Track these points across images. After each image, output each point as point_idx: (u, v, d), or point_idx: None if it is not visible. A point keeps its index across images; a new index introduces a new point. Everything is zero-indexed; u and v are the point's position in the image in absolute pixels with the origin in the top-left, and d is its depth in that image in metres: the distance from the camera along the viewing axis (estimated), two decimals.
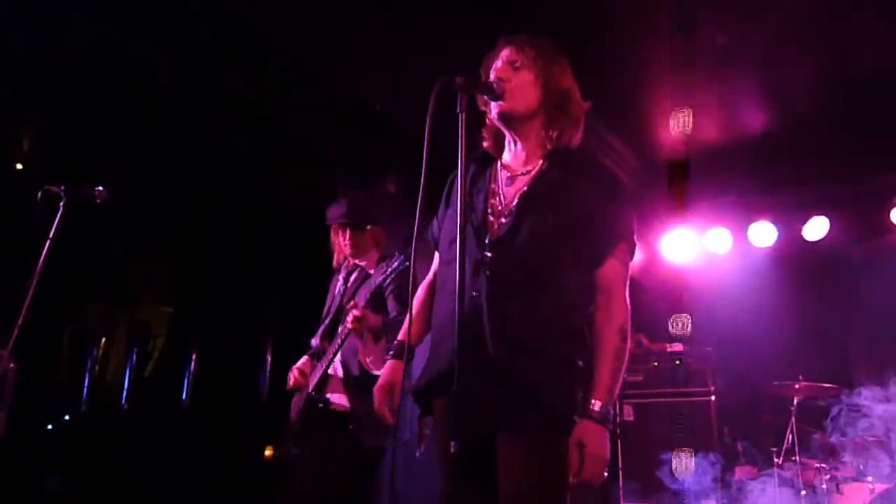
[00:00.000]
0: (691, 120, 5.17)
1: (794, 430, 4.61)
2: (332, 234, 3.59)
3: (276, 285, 6.31)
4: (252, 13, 4.05)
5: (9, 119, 4.80)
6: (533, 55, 2.06)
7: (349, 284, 3.52)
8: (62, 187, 2.82)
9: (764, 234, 6.29)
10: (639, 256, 6.87)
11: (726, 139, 5.70)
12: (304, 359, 3.50)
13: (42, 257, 2.69)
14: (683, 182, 5.73)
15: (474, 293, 1.92)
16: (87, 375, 6.10)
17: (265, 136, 5.01)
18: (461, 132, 1.79)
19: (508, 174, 2.09)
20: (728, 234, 6.48)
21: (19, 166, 5.31)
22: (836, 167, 5.74)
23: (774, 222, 6.26)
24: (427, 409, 2.08)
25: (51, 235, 2.74)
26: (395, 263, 3.24)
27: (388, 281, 3.22)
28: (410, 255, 1.90)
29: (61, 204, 2.80)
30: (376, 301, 3.29)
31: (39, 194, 2.81)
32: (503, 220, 2.00)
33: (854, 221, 5.94)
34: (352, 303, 3.17)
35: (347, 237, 3.49)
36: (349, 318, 3.12)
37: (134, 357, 6.45)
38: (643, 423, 5.20)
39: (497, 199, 2.06)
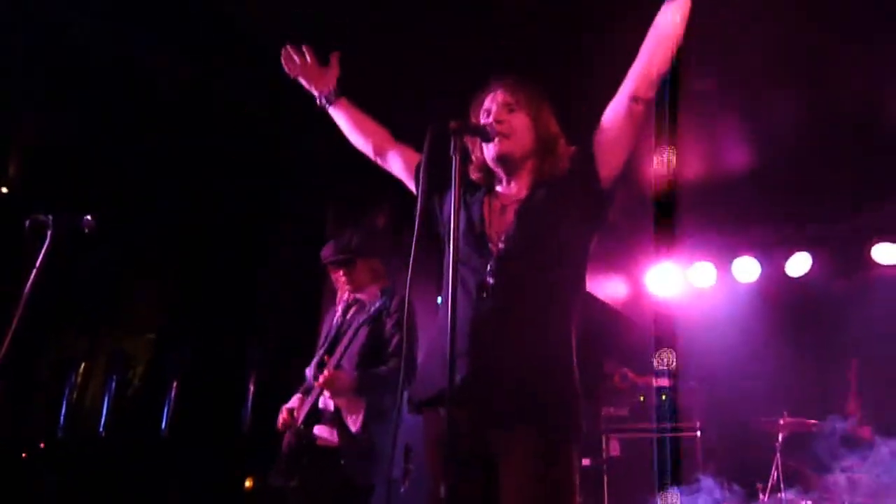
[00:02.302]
0: (675, 157, 5.24)
1: (780, 466, 4.62)
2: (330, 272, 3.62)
3: (263, 317, 6.28)
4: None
5: None
6: (526, 97, 2.14)
7: (348, 317, 3.50)
8: (50, 216, 2.79)
9: (748, 269, 6.36)
10: (625, 289, 6.95)
11: (710, 175, 5.78)
12: (295, 397, 3.45)
13: (28, 286, 2.65)
14: (668, 217, 5.79)
15: (479, 313, 1.95)
16: (64, 402, 6.01)
17: (253, 171, 5.03)
18: (454, 174, 1.82)
19: (502, 203, 2.14)
20: (712, 268, 6.54)
21: (4, 190, 5.28)
22: (818, 204, 5.83)
23: (758, 258, 6.34)
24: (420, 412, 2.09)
25: (37, 265, 2.71)
26: (397, 299, 3.27)
27: (392, 320, 3.29)
28: (406, 285, 1.89)
29: (48, 233, 2.77)
30: (374, 343, 3.31)
31: (27, 223, 2.78)
32: (501, 245, 2.03)
33: (836, 258, 6.01)
34: (329, 361, 3.18)
35: (341, 275, 3.50)
36: (319, 380, 3.13)
37: (113, 384, 6.36)
38: (629, 458, 5.19)
39: (493, 227, 2.10)
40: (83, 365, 6.16)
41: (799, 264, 6.13)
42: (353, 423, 3.15)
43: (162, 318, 6.49)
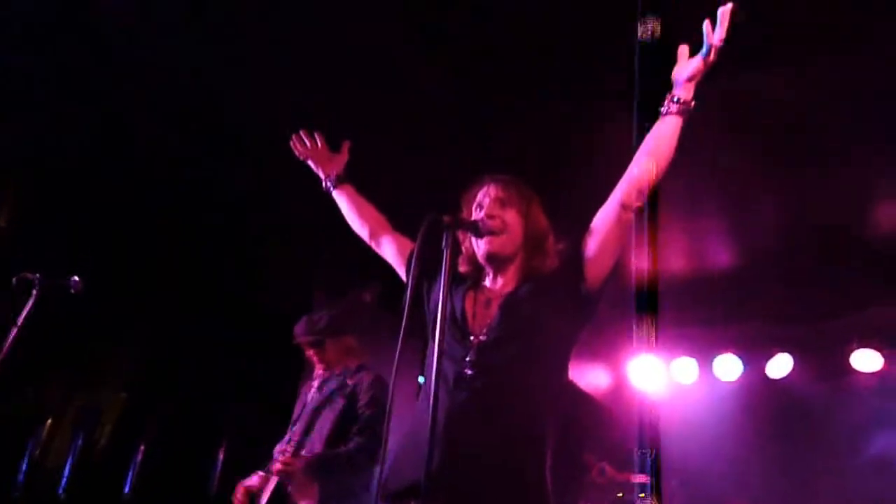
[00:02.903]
0: (659, 251, 5.33)
1: None
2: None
3: (237, 385, 6.20)
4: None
5: None
6: (517, 194, 2.22)
7: (322, 393, 3.49)
8: (37, 275, 2.80)
9: (729, 367, 6.36)
10: (607, 380, 6.92)
11: (694, 271, 5.88)
12: (256, 475, 3.39)
13: (9, 342, 2.63)
14: (651, 310, 5.83)
15: (456, 406, 1.96)
16: (26, 459, 5.83)
17: (240, 239, 5.07)
18: (444, 268, 1.87)
19: (487, 297, 2.17)
20: (695, 364, 6.55)
21: None
22: (799, 306, 5.90)
23: (740, 356, 6.36)
24: None
25: (19, 322, 2.70)
26: (370, 378, 3.26)
27: (363, 398, 3.29)
28: (393, 371, 1.90)
29: (34, 291, 2.77)
30: (346, 420, 3.30)
31: (14, 280, 2.79)
32: (482, 337, 2.06)
33: (816, 362, 6.05)
34: (284, 455, 3.19)
35: (312, 353, 3.54)
36: (275, 467, 3.15)
37: (80, 442, 6.20)
38: None
39: (476, 319, 2.12)
40: (49, 421, 6.01)
41: (780, 366, 6.15)
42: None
43: (136, 377, 6.39)
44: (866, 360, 5.79)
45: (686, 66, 2.05)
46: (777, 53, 3.61)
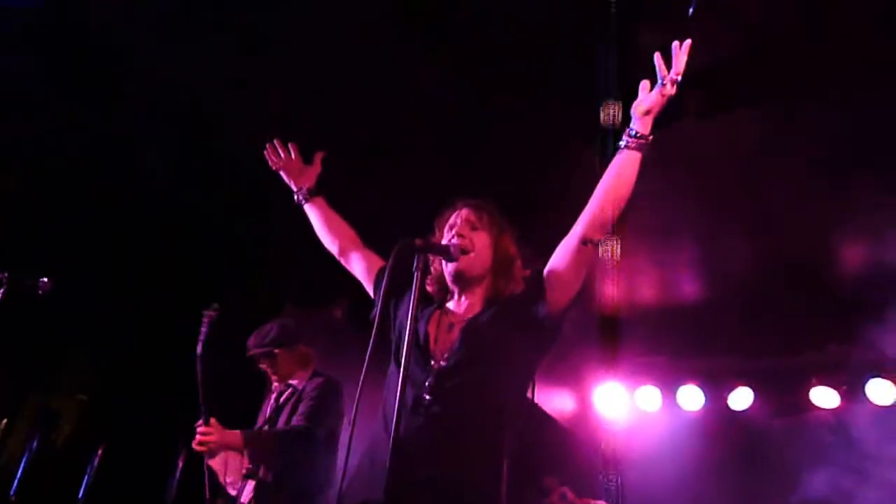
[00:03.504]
0: (623, 281, 5.42)
1: None
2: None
3: (205, 393, 6.13)
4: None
5: None
6: (488, 219, 2.29)
7: (280, 402, 3.48)
8: (5, 273, 2.78)
9: (692, 397, 6.44)
10: (571, 404, 6.94)
11: (660, 301, 5.98)
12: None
13: None
14: (616, 338, 5.90)
15: (413, 430, 1.99)
16: None
17: (208, 248, 5.05)
18: (414, 291, 1.91)
19: (450, 321, 2.22)
20: (658, 393, 6.62)
21: None
22: (762, 340, 6.02)
23: (702, 387, 6.44)
24: None
25: None
26: (319, 381, 3.31)
27: (306, 399, 3.33)
28: (358, 388, 1.93)
29: (2, 290, 2.75)
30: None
31: None
32: (443, 362, 2.10)
33: (776, 396, 6.15)
34: (198, 423, 3.18)
35: (266, 366, 3.58)
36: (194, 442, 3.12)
37: (35, 444, 6.08)
38: None
39: (438, 344, 2.17)
40: (4, 421, 5.91)
41: (741, 399, 6.24)
42: (232, 485, 3.09)
43: (95, 379, 6.30)
44: (824, 397, 5.90)
45: (644, 101, 2.08)
46: (742, 92, 3.72)
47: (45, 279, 2.84)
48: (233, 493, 3.07)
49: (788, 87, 3.64)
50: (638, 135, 2.08)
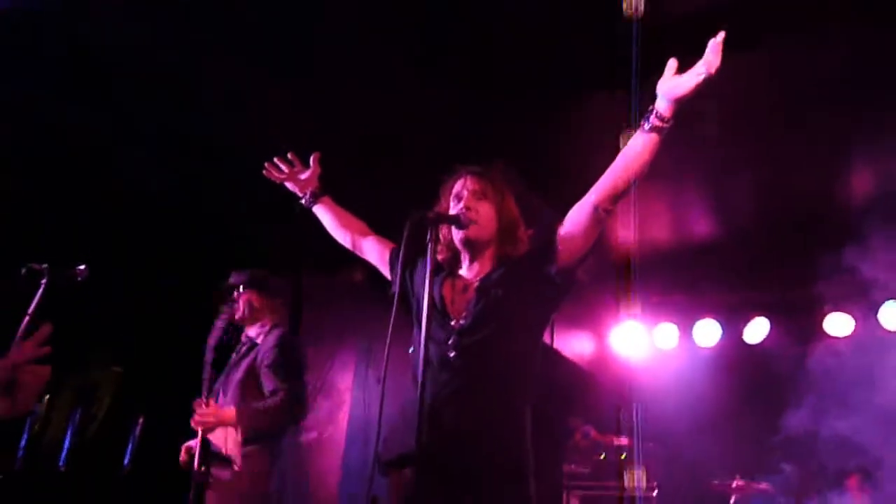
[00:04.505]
0: (637, 222, 5.50)
1: None
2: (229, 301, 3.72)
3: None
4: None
5: None
6: (492, 186, 2.36)
7: (239, 353, 3.65)
8: (45, 265, 2.92)
9: (708, 332, 6.58)
10: (590, 347, 7.11)
11: (674, 241, 6.05)
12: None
13: (21, 331, 2.76)
14: (631, 278, 6.01)
15: (441, 386, 2.14)
16: (25, 434, 5.95)
17: (230, 215, 5.16)
18: (429, 260, 2.03)
19: (464, 284, 2.34)
20: (675, 330, 6.76)
21: None
22: (775, 273, 6.10)
23: (718, 322, 6.58)
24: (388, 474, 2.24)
25: (30, 311, 2.82)
26: (276, 334, 3.44)
27: (264, 354, 3.41)
28: (384, 360, 2.08)
29: (43, 281, 2.89)
30: (251, 377, 3.45)
31: (23, 270, 2.91)
32: (462, 321, 2.23)
33: (791, 327, 6.26)
34: (198, 402, 3.32)
35: (244, 299, 3.65)
36: (193, 420, 3.27)
37: (77, 417, 6.31)
38: None
39: (454, 305, 2.30)
40: (47, 397, 6.11)
41: (756, 331, 6.37)
42: (236, 459, 3.24)
43: (131, 350, 6.48)
44: (839, 324, 6.02)
45: (675, 86, 2.00)
46: (762, 37, 3.74)
47: (83, 266, 2.97)
48: (236, 468, 3.23)
49: (790, 24, 3.65)
50: (662, 118, 2.04)
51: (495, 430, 2.12)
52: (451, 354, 2.17)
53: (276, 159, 2.75)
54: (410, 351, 2.33)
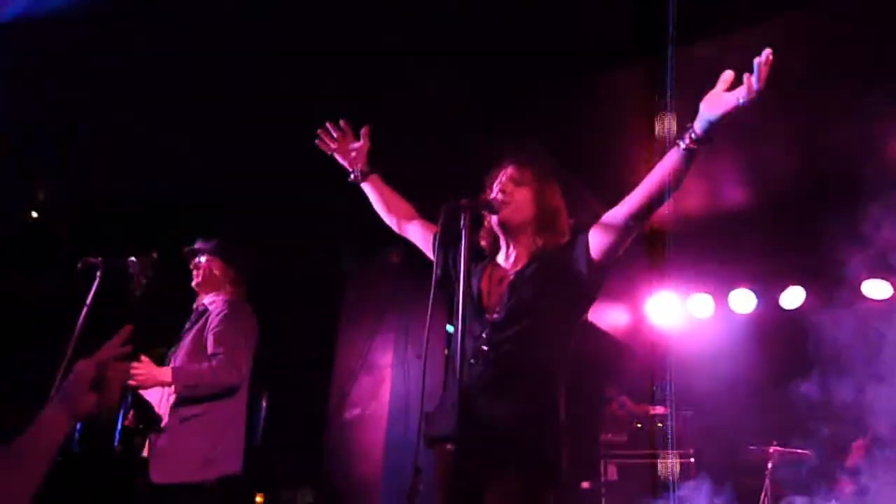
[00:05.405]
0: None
1: (769, 493, 4.85)
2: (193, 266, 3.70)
3: (275, 333, 6.46)
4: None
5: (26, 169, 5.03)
6: (531, 175, 2.42)
7: (192, 319, 3.63)
8: (100, 258, 3.07)
9: (743, 300, 6.58)
10: (625, 318, 7.15)
11: (708, 210, 6.03)
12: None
13: (80, 322, 2.92)
14: (667, 249, 6.02)
15: (475, 377, 2.24)
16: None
17: (270, 201, 5.28)
18: (463, 247, 2.12)
19: (500, 276, 2.41)
20: (710, 299, 6.77)
21: (35, 215, 5.50)
22: (810, 239, 6.06)
23: (754, 290, 6.56)
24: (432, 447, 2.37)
25: (88, 303, 2.98)
26: (227, 300, 3.44)
27: (212, 320, 3.40)
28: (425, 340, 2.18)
29: (98, 274, 3.05)
30: (198, 342, 3.44)
31: (79, 265, 3.07)
32: (496, 315, 2.32)
33: (828, 292, 6.22)
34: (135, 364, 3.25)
35: (205, 266, 3.64)
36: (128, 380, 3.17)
37: (130, 398, 6.55)
38: (626, 483, 5.40)
39: (490, 298, 2.38)
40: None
41: (792, 297, 6.35)
42: (167, 416, 3.25)
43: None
44: (877, 289, 5.97)
45: (714, 104, 1.96)
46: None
47: (133, 259, 3.13)
48: (162, 425, 3.24)
49: None
50: (697, 138, 2.01)
51: (527, 420, 2.22)
52: (485, 348, 2.26)
53: (328, 124, 2.74)
54: (450, 329, 2.44)
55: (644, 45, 3.82)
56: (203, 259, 3.67)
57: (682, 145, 2.04)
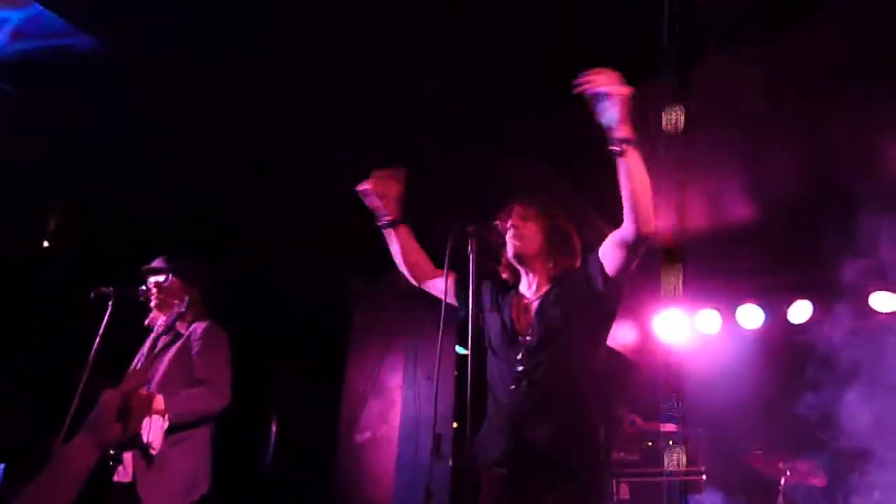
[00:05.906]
0: (675, 211, 5.53)
1: None
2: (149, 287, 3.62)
3: (286, 360, 6.47)
4: None
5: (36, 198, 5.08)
6: (535, 212, 2.55)
7: (157, 347, 3.53)
8: (111, 288, 3.12)
9: (751, 316, 6.57)
10: (633, 335, 7.15)
11: (713, 226, 6.06)
12: None
13: (93, 352, 2.96)
14: (675, 265, 6.04)
15: (517, 401, 2.38)
16: None
17: (282, 220, 5.31)
18: (471, 268, 2.19)
19: (526, 304, 2.53)
20: (717, 315, 6.76)
21: (46, 244, 5.54)
22: (816, 253, 6.06)
23: (761, 305, 6.56)
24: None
25: (101, 333, 3.02)
26: (204, 324, 3.41)
27: (194, 343, 3.39)
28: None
29: (110, 303, 3.09)
30: (179, 366, 3.42)
31: (91, 294, 3.12)
32: (528, 338, 2.44)
33: (835, 305, 6.21)
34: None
35: (162, 285, 3.55)
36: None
37: None
38: (638, 502, 5.37)
39: (521, 325, 2.49)
40: None
41: (800, 311, 6.34)
42: (155, 445, 3.09)
43: None
44: (885, 302, 5.97)
45: (607, 113, 2.12)
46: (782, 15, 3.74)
47: (144, 287, 3.17)
48: (153, 452, 3.07)
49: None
50: (624, 140, 2.14)
51: (570, 438, 2.32)
52: (520, 369, 2.37)
53: (380, 173, 2.66)
54: (459, 350, 2.52)
55: (646, 64, 3.85)
56: (162, 278, 3.61)
57: (616, 154, 2.18)
